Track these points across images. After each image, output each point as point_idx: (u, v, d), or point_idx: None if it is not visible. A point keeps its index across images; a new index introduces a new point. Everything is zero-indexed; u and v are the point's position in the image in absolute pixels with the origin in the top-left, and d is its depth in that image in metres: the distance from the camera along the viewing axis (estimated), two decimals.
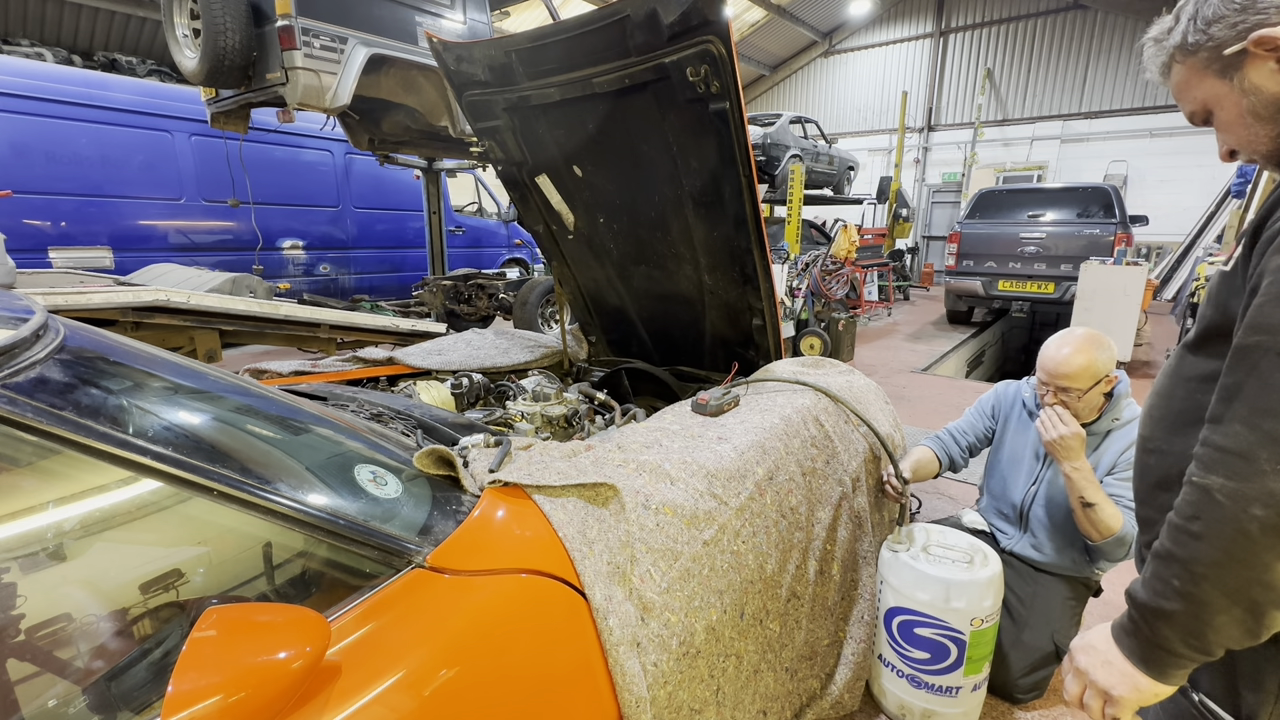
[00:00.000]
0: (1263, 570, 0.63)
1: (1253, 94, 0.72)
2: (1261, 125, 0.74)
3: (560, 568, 1.08)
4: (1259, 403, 0.63)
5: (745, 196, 2.01)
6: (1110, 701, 0.77)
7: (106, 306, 3.19)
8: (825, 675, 1.63)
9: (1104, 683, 0.77)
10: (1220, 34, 0.72)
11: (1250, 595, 0.64)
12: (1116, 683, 0.76)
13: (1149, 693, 0.74)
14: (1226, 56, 0.73)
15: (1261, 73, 0.71)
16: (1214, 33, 0.73)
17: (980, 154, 14.53)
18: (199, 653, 0.66)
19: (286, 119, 4.93)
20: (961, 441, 2.10)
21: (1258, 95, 0.72)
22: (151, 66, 9.14)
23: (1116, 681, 0.76)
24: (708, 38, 1.74)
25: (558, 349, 2.99)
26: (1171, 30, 0.79)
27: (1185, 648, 0.70)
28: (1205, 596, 0.67)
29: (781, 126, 9.11)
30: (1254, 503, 0.62)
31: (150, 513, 0.94)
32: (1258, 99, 0.72)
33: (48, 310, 1.08)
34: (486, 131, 2.49)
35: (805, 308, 6.64)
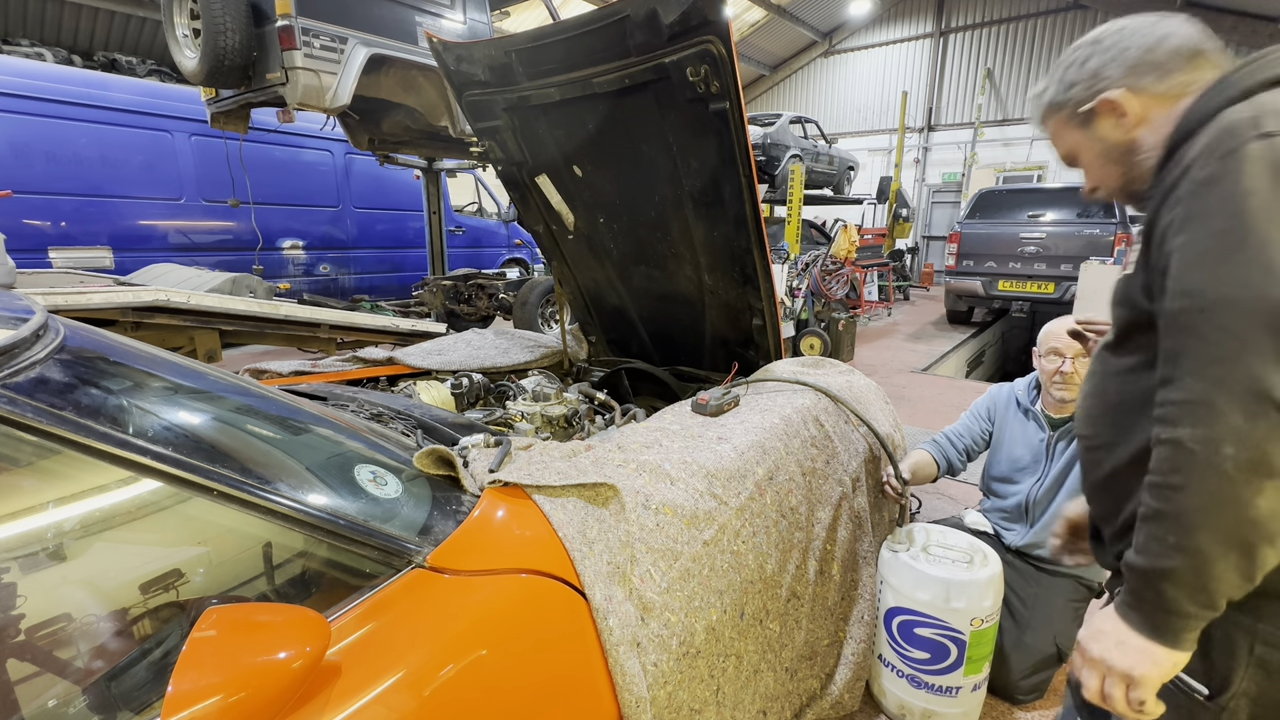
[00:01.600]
0: (1246, 507, 0.66)
1: (1104, 142, 0.91)
2: (1112, 166, 0.92)
3: (560, 568, 1.08)
4: (1203, 354, 0.69)
5: (745, 196, 2.01)
6: (1133, 684, 0.75)
7: (106, 306, 3.18)
8: (825, 675, 1.63)
9: (1122, 665, 0.76)
10: (1078, 95, 0.91)
11: (1241, 535, 0.67)
12: (1135, 661, 0.75)
13: (1167, 665, 0.74)
14: (1082, 113, 0.91)
15: (1107, 126, 0.90)
16: (1073, 94, 0.91)
17: (980, 154, 14.53)
18: (199, 653, 0.66)
19: (286, 119, 4.93)
20: (959, 445, 2.11)
21: (1105, 143, 0.91)
22: (151, 66, 9.13)
23: (1135, 660, 0.75)
24: (708, 38, 1.74)
25: (558, 349, 2.99)
26: (1045, 90, 0.97)
27: (1192, 604, 0.71)
28: (1201, 545, 0.68)
29: (781, 126, 9.11)
30: (1223, 443, 0.66)
31: (150, 513, 0.94)
32: (1107, 146, 0.91)
33: (48, 310, 1.08)
34: (486, 131, 2.49)
35: (805, 308, 6.63)
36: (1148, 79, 0.85)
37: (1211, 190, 0.71)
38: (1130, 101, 0.86)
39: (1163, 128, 0.84)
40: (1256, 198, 0.67)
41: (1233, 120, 0.72)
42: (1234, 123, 0.72)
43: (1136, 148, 0.88)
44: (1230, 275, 0.68)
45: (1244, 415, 0.65)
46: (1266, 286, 0.65)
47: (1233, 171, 0.69)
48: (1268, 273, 0.65)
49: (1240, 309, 0.67)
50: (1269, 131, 0.69)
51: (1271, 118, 0.70)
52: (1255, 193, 0.67)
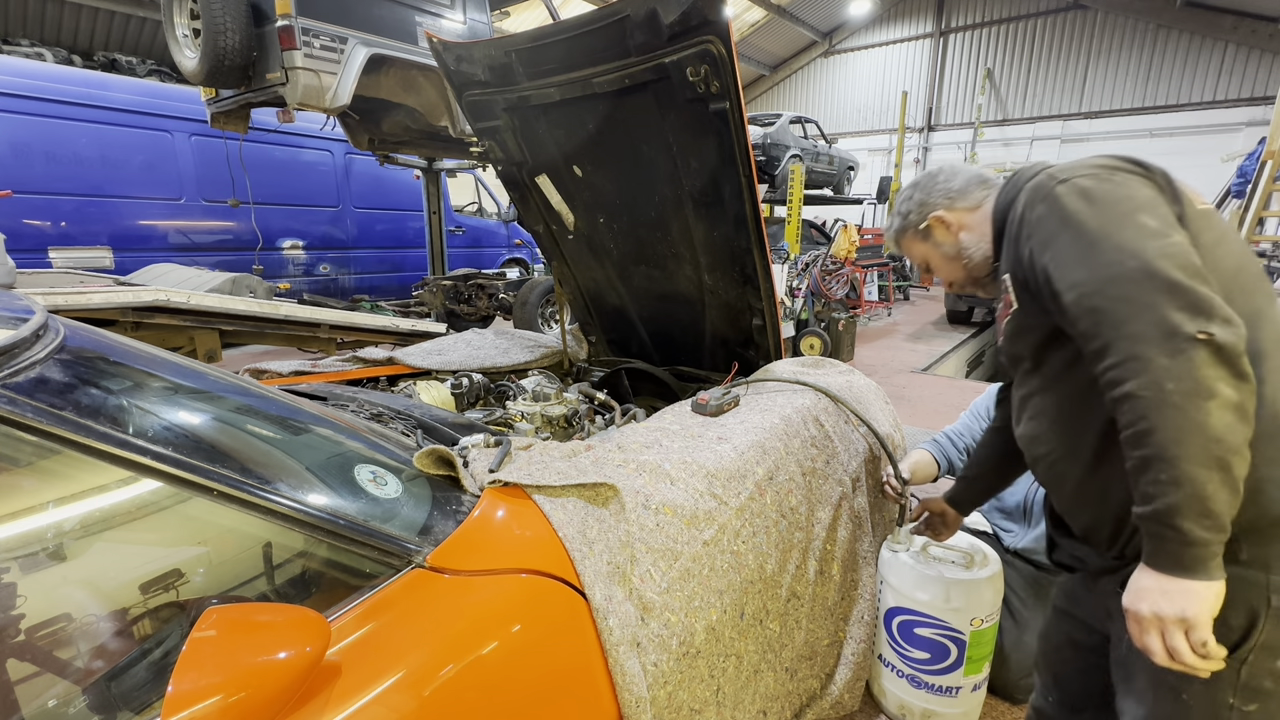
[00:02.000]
0: (1205, 429, 0.75)
1: (940, 247, 1.22)
2: (953, 263, 1.21)
3: (560, 568, 1.08)
4: (1114, 322, 0.82)
5: (745, 196, 2.01)
6: (1190, 626, 0.78)
7: (106, 306, 3.18)
8: (825, 675, 1.63)
9: (1174, 612, 0.79)
10: (914, 218, 1.23)
11: (1212, 453, 0.75)
12: (1185, 603, 0.78)
13: (1210, 597, 0.78)
14: (921, 230, 1.23)
15: (940, 235, 1.21)
16: (911, 219, 1.24)
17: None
18: (199, 653, 0.66)
19: (286, 119, 4.92)
20: (959, 444, 2.10)
21: (942, 248, 1.22)
22: (151, 66, 9.14)
23: (1184, 603, 0.78)
24: (708, 38, 1.74)
25: (558, 349, 2.99)
26: (892, 224, 1.29)
27: (1204, 530, 0.76)
28: (1190, 472, 0.76)
29: (781, 126, 9.11)
30: (1164, 381, 0.76)
31: (150, 513, 0.94)
32: (943, 250, 1.22)
33: (48, 310, 1.08)
34: (486, 131, 2.49)
35: (805, 308, 6.63)
36: (959, 200, 1.18)
37: (1049, 219, 0.91)
38: (950, 216, 1.19)
39: (979, 226, 1.16)
40: (1082, 212, 0.88)
41: (1036, 183, 0.97)
42: (1038, 183, 0.97)
43: (964, 245, 1.18)
44: (1101, 259, 0.84)
45: (1167, 355, 0.77)
46: (1130, 258, 0.82)
47: (1056, 204, 0.91)
48: (1125, 250, 0.83)
49: (1123, 279, 0.81)
50: (1062, 179, 0.93)
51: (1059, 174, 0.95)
52: (1079, 210, 0.88)
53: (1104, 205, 0.87)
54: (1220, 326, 0.76)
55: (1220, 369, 0.75)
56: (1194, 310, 0.76)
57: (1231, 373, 0.75)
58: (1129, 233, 0.83)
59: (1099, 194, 0.88)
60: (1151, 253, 0.80)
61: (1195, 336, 0.75)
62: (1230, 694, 0.83)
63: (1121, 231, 0.84)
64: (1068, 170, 0.94)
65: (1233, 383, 0.75)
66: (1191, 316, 0.76)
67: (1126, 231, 0.83)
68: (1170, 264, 0.79)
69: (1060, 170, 0.95)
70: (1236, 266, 0.88)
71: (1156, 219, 0.84)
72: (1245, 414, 0.76)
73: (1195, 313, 0.76)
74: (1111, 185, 0.88)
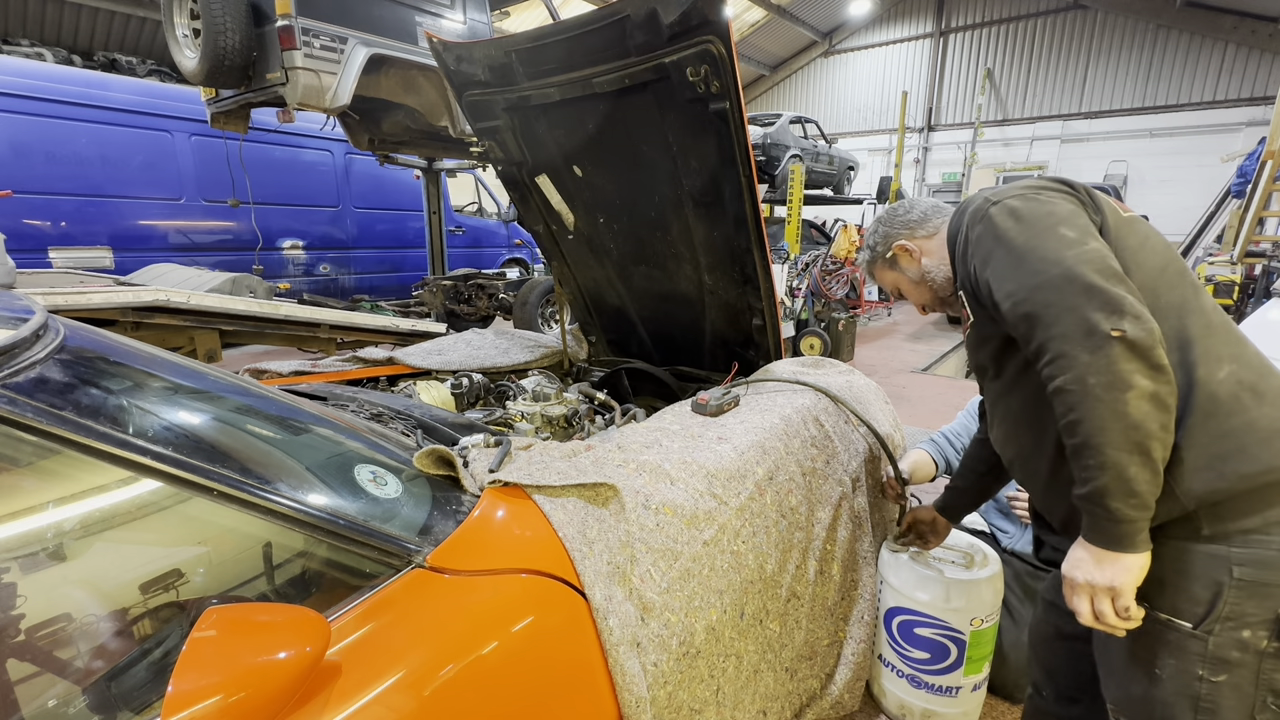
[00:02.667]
0: (1125, 417, 0.82)
1: (907, 271, 1.31)
2: (921, 287, 1.30)
3: (560, 568, 1.08)
4: (1043, 323, 0.90)
5: (745, 196, 2.01)
6: (1116, 593, 0.89)
7: (106, 306, 3.18)
8: (825, 675, 1.63)
9: (1104, 581, 0.89)
10: (881, 249, 1.33)
11: (1132, 439, 0.83)
12: (1114, 574, 0.88)
13: (1136, 569, 0.88)
14: (888, 259, 1.32)
15: (906, 261, 1.30)
16: (878, 250, 1.33)
17: (980, 154, 14.53)
18: (199, 653, 0.66)
19: (286, 119, 4.92)
20: (956, 444, 2.10)
21: (909, 274, 1.30)
22: (151, 66, 9.13)
23: (1113, 573, 0.88)
24: (708, 38, 1.74)
25: (558, 349, 2.99)
26: (864, 254, 1.40)
27: (1130, 509, 0.85)
28: (1114, 458, 0.84)
29: (781, 126, 9.10)
30: (1087, 376, 0.84)
31: (150, 513, 0.94)
32: (910, 276, 1.31)
33: (48, 310, 1.08)
34: (486, 131, 2.49)
35: (805, 308, 6.63)
36: (918, 229, 1.28)
37: (985, 236, 1.02)
38: (911, 244, 1.28)
39: (937, 250, 1.25)
40: (1011, 230, 0.98)
41: (975, 206, 1.07)
42: (976, 206, 1.07)
43: (926, 269, 1.27)
44: (1029, 269, 0.93)
45: (1088, 351, 0.84)
46: (1053, 266, 0.90)
47: (990, 223, 1.01)
48: (1047, 260, 0.91)
49: (1048, 286, 0.90)
50: (994, 200, 1.04)
51: (993, 196, 1.05)
52: (1009, 228, 0.98)
53: (1029, 221, 0.97)
54: (1131, 323, 0.83)
55: (1136, 362, 0.82)
56: (1109, 309, 0.84)
57: (1146, 365, 0.83)
58: (1051, 244, 0.92)
59: (1025, 212, 0.98)
60: (1070, 260, 0.89)
61: (1110, 334, 0.83)
62: (1199, 666, 0.89)
63: (1045, 244, 0.93)
64: (1000, 193, 1.05)
65: (1148, 374, 0.83)
66: (1107, 315, 0.84)
67: (1049, 243, 0.93)
68: (1088, 268, 0.88)
69: (995, 193, 1.06)
70: (1161, 265, 0.97)
71: (1075, 230, 0.93)
72: (1161, 403, 0.83)
73: (1110, 311, 0.84)
74: (1036, 203, 0.98)
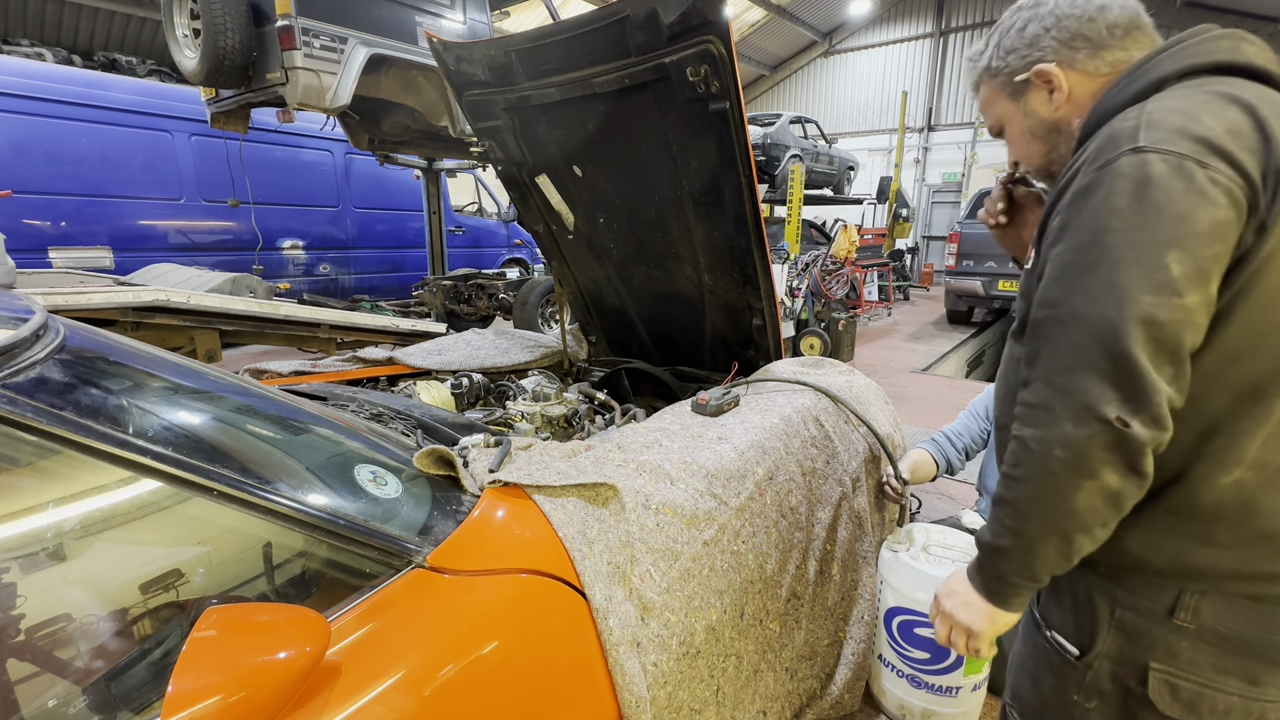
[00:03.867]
0: (1068, 502, 0.74)
1: (1031, 117, 0.91)
2: (1036, 143, 0.93)
3: (560, 568, 1.08)
4: (1051, 363, 0.76)
5: (745, 196, 2.01)
6: (972, 636, 0.88)
7: (106, 306, 3.18)
8: (825, 675, 1.63)
9: (965, 620, 0.88)
10: (1014, 63, 0.89)
11: (1062, 524, 0.75)
12: (975, 619, 0.87)
13: (1001, 623, 0.86)
14: (1015, 83, 0.90)
15: (1038, 100, 0.89)
16: (1010, 61, 0.90)
17: (980, 154, 14.52)
18: (199, 653, 0.66)
19: (286, 119, 4.92)
20: (957, 444, 2.11)
21: (1034, 118, 0.91)
22: (151, 66, 9.13)
23: (975, 618, 0.87)
24: (708, 38, 1.74)
25: (558, 349, 2.99)
26: (982, 53, 0.95)
27: (1019, 578, 0.82)
28: (1030, 531, 0.78)
29: (781, 126, 9.10)
30: (1055, 445, 0.74)
31: (150, 513, 0.94)
32: (1034, 121, 0.91)
33: (48, 310, 1.08)
34: (486, 131, 2.49)
35: (805, 308, 6.63)
36: (1081, 53, 0.84)
37: (1085, 202, 0.74)
38: (1061, 77, 0.86)
39: (1084, 110, 0.85)
40: (1118, 217, 0.71)
41: (1117, 130, 0.74)
42: (1118, 132, 0.74)
43: (1060, 128, 0.89)
44: (1084, 291, 0.73)
45: (1073, 423, 0.72)
46: (1108, 307, 0.70)
47: (1104, 185, 0.72)
48: (1113, 293, 0.70)
49: (1086, 326, 0.72)
50: (1141, 146, 0.71)
51: (1151, 130, 0.71)
52: (1117, 211, 0.71)
53: (1145, 215, 0.69)
54: (1142, 423, 0.69)
55: (1115, 456, 0.71)
56: (1128, 395, 0.69)
57: (1124, 463, 0.71)
58: (1134, 273, 0.69)
59: (1155, 197, 0.69)
60: (1135, 311, 0.69)
61: (1110, 420, 0.70)
62: (1075, 691, 0.88)
63: (1128, 269, 0.69)
64: (1160, 129, 0.71)
65: (1121, 472, 0.71)
66: (1121, 401, 0.70)
67: (1132, 271, 0.69)
68: (1143, 334, 0.69)
69: (1153, 124, 0.71)
70: None
71: (1186, 264, 0.68)
72: (1116, 503, 0.73)
73: (1128, 399, 0.69)
74: (1178, 190, 0.68)
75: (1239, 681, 0.77)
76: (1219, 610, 0.77)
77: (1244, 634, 0.76)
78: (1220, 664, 0.77)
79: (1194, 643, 0.78)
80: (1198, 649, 0.78)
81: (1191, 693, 0.78)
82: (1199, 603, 0.78)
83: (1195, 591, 0.78)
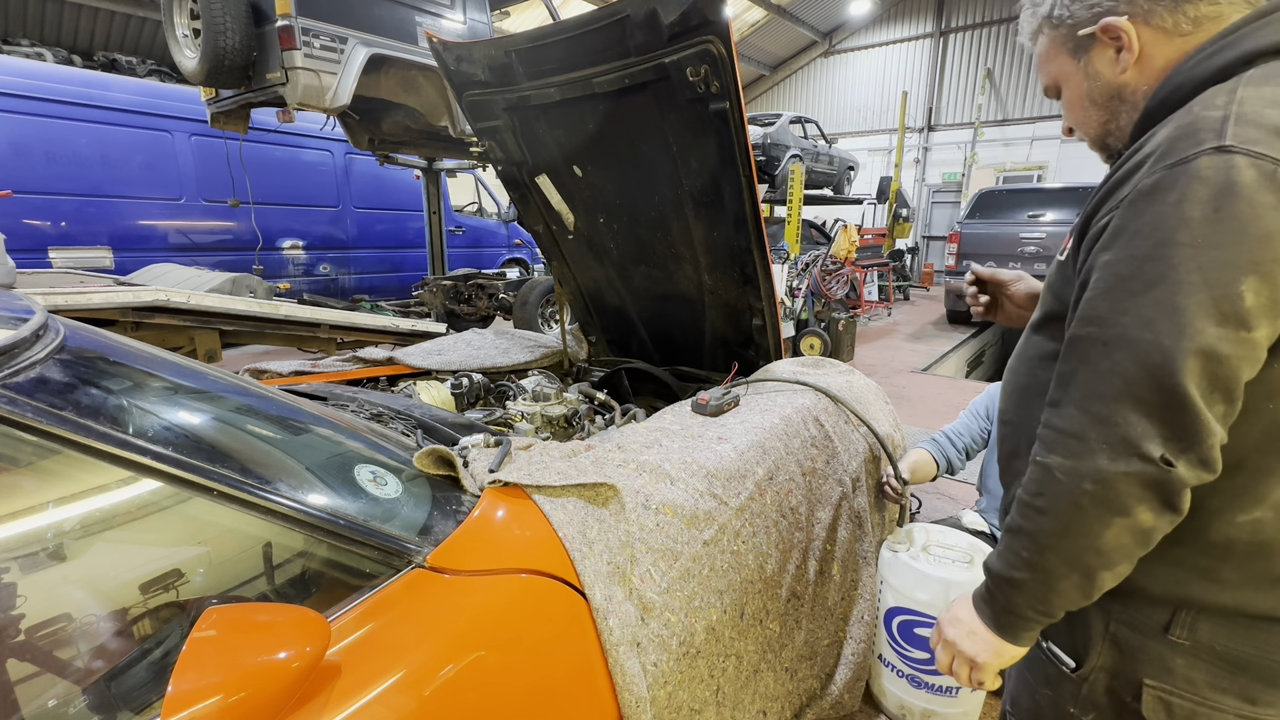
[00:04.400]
0: (1094, 539, 0.69)
1: (1093, 78, 0.79)
2: (1095, 110, 0.81)
3: (560, 568, 1.08)
4: (1089, 388, 0.68)
5: (745, 196, 2.01)
6: (976, 668, 0.84)
7: (106, 306, 3.18)
8: (825, 675, 1.63)
9: (970, 651, 0.84)
10: (1080, 13, 0.77)
11: (1085, 561, 0.71)
12: (980, 650, 0.83)
13: (1007, 656, 0.82)
14: (1079, 37, 0.78)
15: (1103, 59, 0.77)
16: (1075, 10, 0.77)
17: (980, 154, 14.52)
18: (199, 653, 0.66)
19: (286, 119, 4.92)
20: (958, 444, 2.11)
21: (1096, 80, 0.79)
22: (151, 66, 9.13)
23: (980, 649, 0.83)
24: (708, 38, 1.74)
25: (558, 349, 2.99)
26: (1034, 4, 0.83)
27: (1033, 612, 0.77)
28: (1049, 565, 0.73)
29: (781, 126, 9.11)
30: (1085, 479, 0.68)
31: (150, 513, 0.94)
32: (1096, 84, 0.79)
33: (48, 310, 1.08)
34: (486, 131, 2.49)
35: (805, 308, 6.63)
36: (1161, 5, 0.71)
37: (1149, 206, 0.64)
38: (1132, 34, 0.73)
39: (1154, 78, 0.73)
40: (1189, 229, 0.61)
41: (1200, 119, 0.63)
42: (1198, 122, 0.63)
43: (1124, 95, 0.77)
44: (1138, 311, 0.64)
45: (1109, 457, 0.66)
46: (1165, 334, 0.62)
47: (1176, 188, 0.62)
48: (1172, 319, 0.62)
49: (1135, 352, 0.64)
50: (1228, 145, 0.60)
51: (1242, 126, 0.61)
52: (1189, 222, 0.61)
53: (1224, 231, 0.60)
54: (1189, 465, 0.64)
55: (1150, 493, 0.65)
56: (1176, 434, 0.63)
57: (1160, 502, 0.66)
58: (1199, 298, 0.61)
59: (1238, 210, 0.59)
60: (1196, 343, 0.61)
61: (1153, 458, 0.64)
62: (1071, 704, 0.86)
63: (1193, 292, 0.61)
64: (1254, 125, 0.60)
65: (1155, 510, 0.66)
66: (1167, 439, 0.64)
67: (1198, 295, 0.61)
68: (1200, 368, 0.61)
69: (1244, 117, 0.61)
70: None
71: (1264, 295, 0.59)
72: (1148, 541, 0.69)
73: (1175, 437, 0.64)
74: (1268, 205, 0.59)
75: (1236, 701, 0.74)
76: (1216, 628, 0.74)
77: (1242, 653, 0.73)
78: (1216, 682, 0.74)
79: (1190, 660, 0.75)
80: (1194, 666, 0.75)
81: (1187, 710, 0.76)
82: (1195, 620, 0.75)
83: (1192, 610, 0.75)
